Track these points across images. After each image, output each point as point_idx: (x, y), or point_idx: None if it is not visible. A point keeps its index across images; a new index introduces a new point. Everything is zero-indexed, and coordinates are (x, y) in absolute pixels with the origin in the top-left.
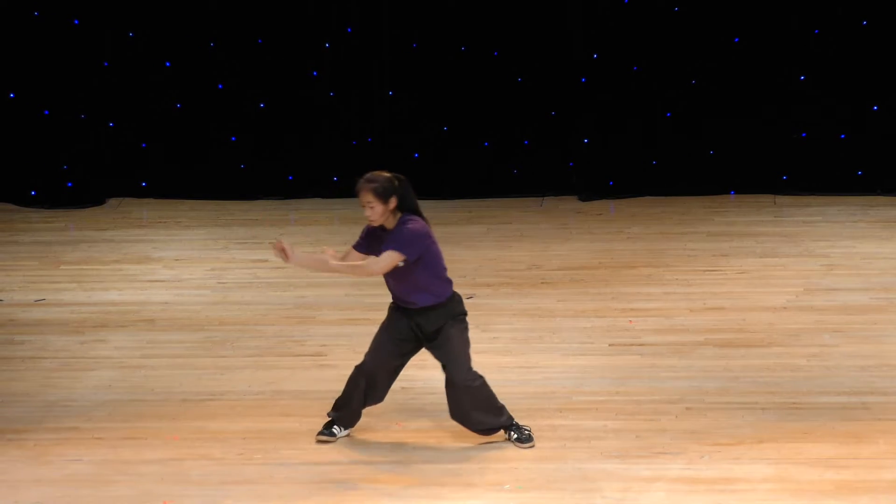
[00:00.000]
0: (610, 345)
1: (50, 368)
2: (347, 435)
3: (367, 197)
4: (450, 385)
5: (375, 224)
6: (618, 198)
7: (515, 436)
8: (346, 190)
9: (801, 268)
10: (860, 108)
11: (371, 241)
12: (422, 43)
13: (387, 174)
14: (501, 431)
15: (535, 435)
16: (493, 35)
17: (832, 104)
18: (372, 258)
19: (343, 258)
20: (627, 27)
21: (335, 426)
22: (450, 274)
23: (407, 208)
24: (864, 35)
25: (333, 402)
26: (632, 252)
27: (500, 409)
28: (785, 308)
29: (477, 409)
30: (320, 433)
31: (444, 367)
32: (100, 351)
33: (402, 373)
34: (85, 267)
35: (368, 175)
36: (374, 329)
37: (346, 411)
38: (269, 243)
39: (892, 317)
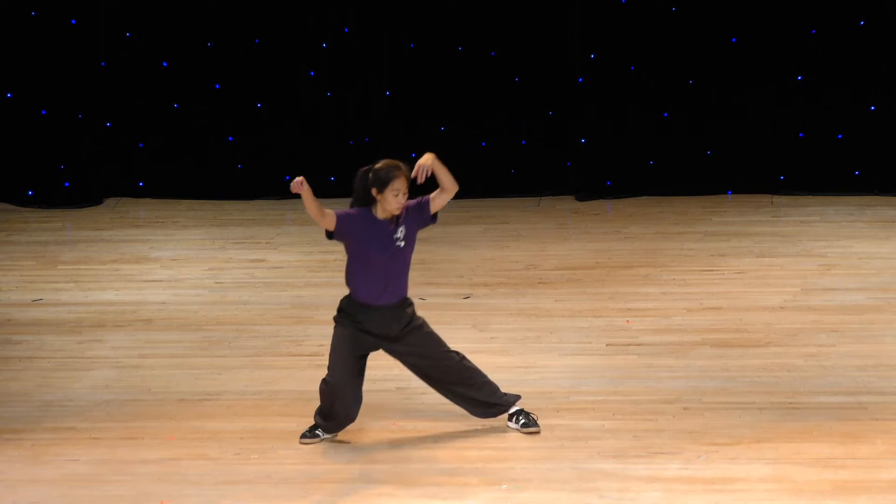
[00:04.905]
0: (607, 345)
1: (47, 368)
2: (332, 437)
3: (405, 185)
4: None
5: (396, 213)
6: (615, 198)
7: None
8: (343, 190)
9: (799, 268)
10: (857, 108)
11: (353, 235)
12: (419, 43)
13: None
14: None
15: (532, 434)
16: (491, 35)
17: (829, 104)
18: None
19: (322, 210)
20: (625, 27)
21: (319, 430)
22: (447, 274)
23: None
24: (862, 35)
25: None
26: (629, 252)
27: None
28: (782, 308)
29: None
30: (303, 436)
31: (431, 359)
32: (97, 351)
33: (398, 373)
34: (82, 267)
35: (396, 161)
36: None
37: (332, 422)
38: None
39: (889, 317)
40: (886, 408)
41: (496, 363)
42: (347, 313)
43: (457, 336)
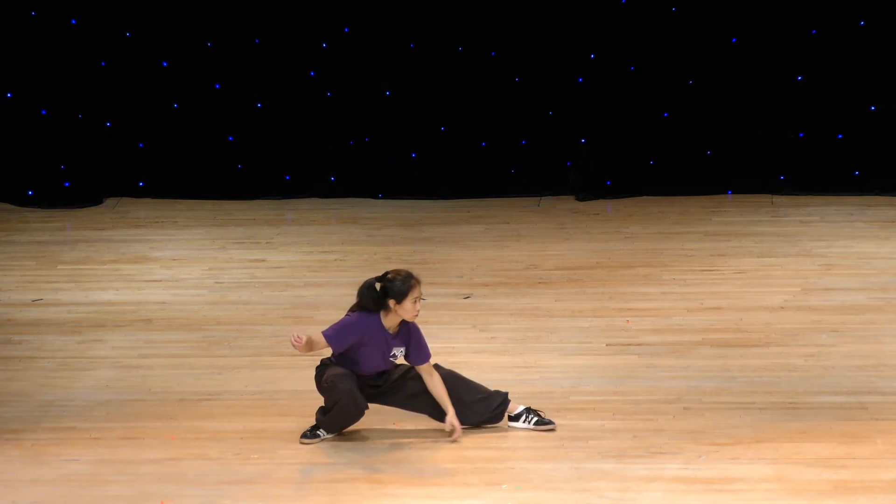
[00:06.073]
0: (607, 345)
1: (47, 368)
2: (332, 437)
3: (421, 291)
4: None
5: (412, 320)
6: (615, 198)
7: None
8: (343, 190)
9: (799, 268)
10: (858, 109)
11: (358, 343)
12: (419, 43)
13: None
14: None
15: (533, 434)
16: (491, 35)
17: (829, 104)
18: (441, 385)
19: (312, 341)
20: (625, 27)
21: (320, 430)
22: (448, 274)
23: None
24: (862, 35)
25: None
26: (629, 252)
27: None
28: (782, 308)
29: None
30: (304, 436)
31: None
32: (97, 351)
33: None
34: (82, 267)
35: (406, 270)
36: None
37: (337, 418)
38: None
39: (889, 316)
40: (887, 408)
41: (496, 363)
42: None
43: (457, 336)
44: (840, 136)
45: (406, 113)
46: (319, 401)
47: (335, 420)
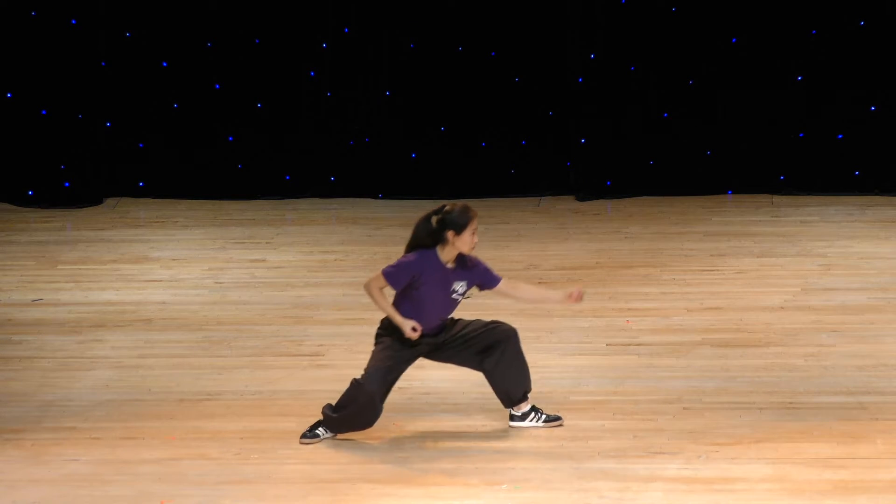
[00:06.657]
0: (607, 345)
1: (47, 368)
2: (332, 437)
3: (477, 224)
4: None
5: (468, 252)
6: (615, 198)
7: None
8: (343, 190)
9: (799, 268)
10: (857, 108)
11: (413, 281)
12: (419, 43)
13: None
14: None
15: (533, 434)
16: (491, 35)
17: (829, 104)
18: (530, 287)
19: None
20: (625, 27)
21: (319, 429)
22: None
23: None
24: (862, 35)
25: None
26: (629, 252)
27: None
28: (782, 308)
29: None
30: (304, 436)
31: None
32: (97, 351)
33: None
34: (82, 267)
35: (463, 202)
36: (371, 329)
37: (343, 419)
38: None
39: (889, 316)
40: (887, 408)
41: None
42: (393, 330)
43: None
44: (840, 136)
45: (406, 113)
46: (320, 401)
47: (345, 419)
